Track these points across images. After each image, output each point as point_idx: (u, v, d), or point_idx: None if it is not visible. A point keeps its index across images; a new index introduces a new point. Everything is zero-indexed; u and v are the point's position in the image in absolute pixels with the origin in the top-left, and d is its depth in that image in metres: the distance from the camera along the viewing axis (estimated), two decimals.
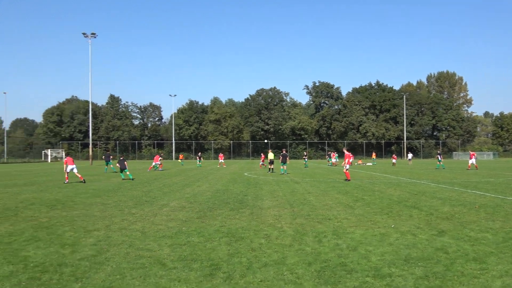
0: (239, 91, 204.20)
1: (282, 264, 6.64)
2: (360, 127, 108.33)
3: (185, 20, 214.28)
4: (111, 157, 37.59)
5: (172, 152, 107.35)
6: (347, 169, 24.53)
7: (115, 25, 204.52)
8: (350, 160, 25.03)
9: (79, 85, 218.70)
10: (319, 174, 31.46)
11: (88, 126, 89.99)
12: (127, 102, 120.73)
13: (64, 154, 28.50)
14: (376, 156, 72.30)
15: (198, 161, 53.14)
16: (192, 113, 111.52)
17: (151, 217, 11.19)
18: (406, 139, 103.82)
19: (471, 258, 6.93)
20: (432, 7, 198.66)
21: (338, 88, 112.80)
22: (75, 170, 24.34)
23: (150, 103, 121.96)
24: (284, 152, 33.73)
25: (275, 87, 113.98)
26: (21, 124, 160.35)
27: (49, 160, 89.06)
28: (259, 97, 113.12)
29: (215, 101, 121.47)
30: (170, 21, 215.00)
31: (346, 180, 24.06)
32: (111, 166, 37.43)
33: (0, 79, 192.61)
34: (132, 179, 25.75)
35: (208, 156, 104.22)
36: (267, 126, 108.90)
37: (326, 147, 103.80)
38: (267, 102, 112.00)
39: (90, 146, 69.52)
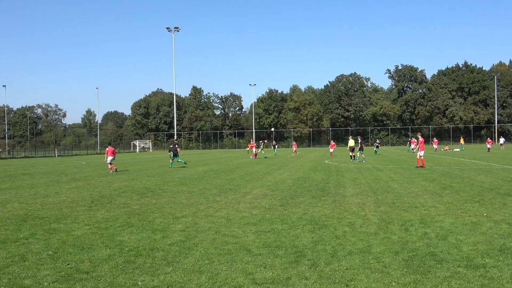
0: (318, 78, 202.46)
1: (367, 253, 6.53)
2: (446, 111, 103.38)
3: (263, 8, 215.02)
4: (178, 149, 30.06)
5: (252, 140, 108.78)
6: (421, 156, 23.73)
7: (197, 18, 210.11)
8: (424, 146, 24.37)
9: (164, 78, 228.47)
10: (403, 161, 30.45)
11: (173, 117, 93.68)
12: (208, 93, 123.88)
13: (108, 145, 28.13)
14: (464, 141, 68.58)
15: (274, 150, 52.73)
16: (272, 101, 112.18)
17: (235, 205, 11.46)
18: (498, 123, 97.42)
19: None
20: None
21: (422, 71, 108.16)
22: (108, 160, 25.08)
23: (231, 93, 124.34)
24: (360, 140, 33.09)
25: (355, 73, 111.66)
26: (112, 117, 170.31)
27: (137, 150, 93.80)
28: (339, 83, 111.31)
29: (294, 89, 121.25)
30: (247, 11, 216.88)
31: (416, 167, 23.49)
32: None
33: (93, 75, 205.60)
34: (185, 163, 28.35)
35: (288, 144, 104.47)
36: (347, 113, 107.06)
37: (409, 133, 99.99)
38: (347, 88, 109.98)
39: (175, 136, 72.30)
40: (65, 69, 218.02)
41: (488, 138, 53.35)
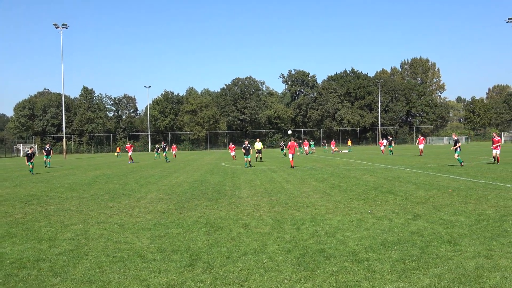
0: (214, 81, 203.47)
1: (261, 252, 6.70)
2: (335, 115, 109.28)
3: (158, 8, 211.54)
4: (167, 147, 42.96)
5: (148, 143, 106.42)
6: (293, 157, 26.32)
7: (87, 15, 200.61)
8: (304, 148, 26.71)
9: (51, 78, 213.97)
10: (295, 162, 31.67)
11: (61, 119, 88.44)
12: (100, 94, 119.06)
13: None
14: (352, 143, 72.96)
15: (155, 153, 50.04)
16: (168, 104, 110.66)
17: (129, 210, 11.13)
18: (381, 126, 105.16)
19: (445, 241, 7.11)
20: None
21: (313, 76, 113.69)
22: None
23: (125, 95, 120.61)
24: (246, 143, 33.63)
25: (250, 76, 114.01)
26: None
27: (21, 155, 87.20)
28: (235, 86, 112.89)
29: (191, 91, 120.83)
30: (142, 10, 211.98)
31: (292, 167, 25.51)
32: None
33: None
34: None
35: (184, 147, 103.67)
36: (243, 116, 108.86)
37: (302, 136, 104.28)
38: (243, 91, 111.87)
39: (64, 139, 68.32)
40: None
41: (381, 140, 49.66)
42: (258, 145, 35.77)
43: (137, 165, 34.75)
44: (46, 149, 35.38)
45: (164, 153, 42.00)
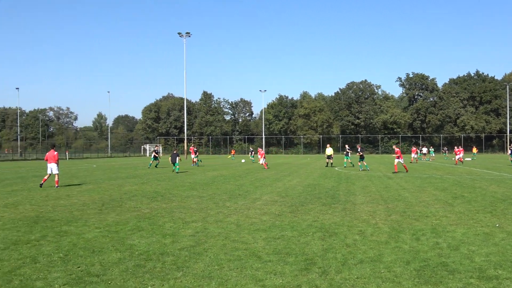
0: (328, 85, 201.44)
1: (378, 262, 6.48)
2: (457, 120, 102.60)
3: (274, 15, 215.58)
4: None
5: (262, 146, 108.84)
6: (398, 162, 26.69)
7: (208, 23, 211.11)
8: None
9: (175, 83, 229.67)
10: (413, 169, 30.24)
11: (183, 122, 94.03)
12: (219, 98, 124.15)
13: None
14: (478, 151, 67.79)
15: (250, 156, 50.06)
16: (282, 107, 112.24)
17: (245, 210, 11.45)
18: (510, 132, 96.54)
19: None
20: None
21: (433, 79, 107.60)
22: (54, 171, 18.36)
23: (241, 99, 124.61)
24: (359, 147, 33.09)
25: (365, 80, 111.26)
26: (123, 120, 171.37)
27: (147, 154, 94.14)
28: (349, 91, 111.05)
29: (305, 95, 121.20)
30: (258, 17, 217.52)
31: (394, 172, 26.13)
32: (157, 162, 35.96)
33: (104, 79, 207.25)
34: (177, 172, 27.46)
35: (298, 151, 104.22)
36: (357, 120, 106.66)
37: (420, 141, 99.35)
38: (358, 95, 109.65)
39: (185, 141, 72.51)
40: (77, 72, 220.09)
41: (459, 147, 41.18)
42: (329, 150, 36.18)
43: (252, 167, 35.65)
44: (156, 151, 37.49)
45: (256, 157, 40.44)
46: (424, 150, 55.65)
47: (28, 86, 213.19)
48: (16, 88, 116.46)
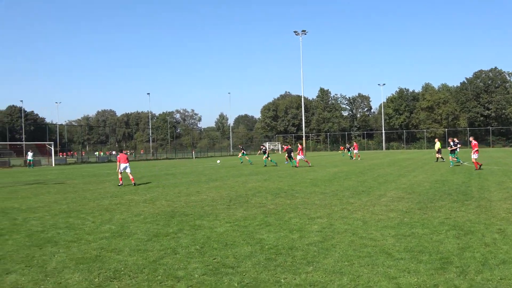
0: (453, 75, 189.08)
1: None
2: None
3: (388, 6, 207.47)
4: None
5: (382, 142, 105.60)
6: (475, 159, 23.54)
7: (323, 19, 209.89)
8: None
9: (291, 81, 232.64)
10: None
11: (301, 119, 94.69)
12: (336, 94, 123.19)
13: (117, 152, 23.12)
14: None
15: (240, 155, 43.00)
16: (402, 101, 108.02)
17: (370, 207, 11.21)
18: None
19: None
20: None
21: None
22: (128, 170, 19.68)
23: (359, 94, 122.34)
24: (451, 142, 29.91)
25: (495, 68, 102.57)
26: (243, 120, 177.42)
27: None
28: (477, 80, 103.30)
29: (427, 87, 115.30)
30: (373, 9, 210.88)
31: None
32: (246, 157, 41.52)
33: (225, 80, 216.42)
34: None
35: (421, 145, 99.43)
36: (487, 111, 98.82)
37: None
38: (487, 84, 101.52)
39: (304, 138, 72.95)
40: (200, 76, 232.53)
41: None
42: (438, 144, 34.03)
43: (373, 162, 34.78)
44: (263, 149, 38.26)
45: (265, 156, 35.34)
46: None
47: (157, 91, 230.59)
48: (147, 94, 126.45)
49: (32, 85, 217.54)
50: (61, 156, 72.70)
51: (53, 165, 51.01)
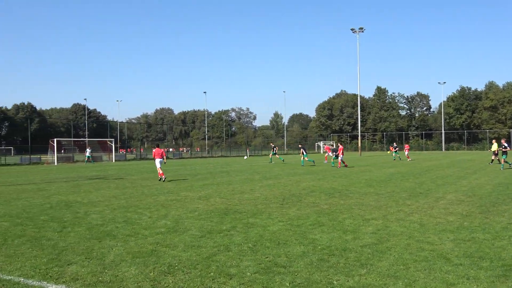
0: None
1: None
2: None
3: (451, 2, 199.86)
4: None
5: (441, 142, 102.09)
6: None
7: (381, 17, 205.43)
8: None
9: (347, 80, 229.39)
10: None
11: (356, 118, 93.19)
12: (393, 93, 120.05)
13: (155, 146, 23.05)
14: None
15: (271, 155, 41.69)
16: (464, 100, 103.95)
17: (428, 210, 10.87)
18: None
19: None
20: None
21: None
22: (158, 165, 20.75)
23: (418, 93, 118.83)
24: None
25: None
26: (297, 119, 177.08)
27: (321, 151, 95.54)
28: None
29: (491, 85, 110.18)
30: (433, 5, 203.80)
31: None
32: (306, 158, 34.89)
33: (280, 79, 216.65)
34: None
35: (483, 146, 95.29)
36: None
37: None
38: None
39: (359, 137, 71.74)
40: (256, 75, 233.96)
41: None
42: (496, 145, 31.26)
43: (431, 164, 33.68)
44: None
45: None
46: None
47: (213, 89, 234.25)
48: (204, 92, 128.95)
49: (95, 84, 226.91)
50: (121, 152, 75.51)
51: (113, 161, 53.05)
